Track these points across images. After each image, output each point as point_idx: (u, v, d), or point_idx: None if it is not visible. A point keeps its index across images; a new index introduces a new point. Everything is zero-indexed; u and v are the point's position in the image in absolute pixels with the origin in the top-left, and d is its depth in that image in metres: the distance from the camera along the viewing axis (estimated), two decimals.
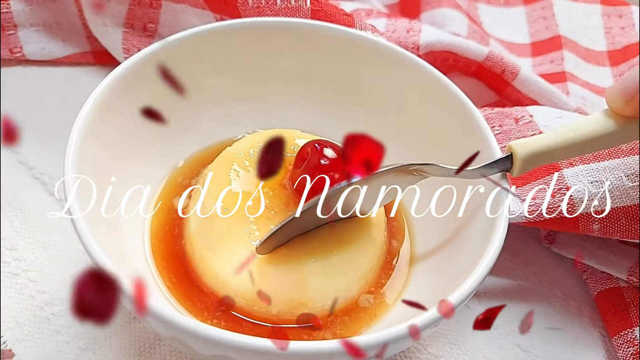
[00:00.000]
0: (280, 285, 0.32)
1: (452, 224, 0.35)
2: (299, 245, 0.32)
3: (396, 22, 0.48)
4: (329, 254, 0.32)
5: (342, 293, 0.33)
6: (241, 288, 0.32)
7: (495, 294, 0.39)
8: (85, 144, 0.31)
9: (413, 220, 0.38)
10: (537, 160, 0.31)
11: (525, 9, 0.61)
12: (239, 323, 0.32)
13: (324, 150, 0.33)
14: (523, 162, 0.31)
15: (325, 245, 0.32)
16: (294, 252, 0.32)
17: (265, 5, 0.42)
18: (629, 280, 0.37)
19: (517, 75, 0.46)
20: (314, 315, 0.32)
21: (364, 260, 0.34)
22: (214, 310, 0.33)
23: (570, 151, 0.31)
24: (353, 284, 0.34)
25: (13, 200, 0.40)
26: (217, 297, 0.33)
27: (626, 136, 0.31)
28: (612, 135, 0.31)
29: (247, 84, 0.41)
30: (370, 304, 0.34)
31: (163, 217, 0.37)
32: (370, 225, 0.34)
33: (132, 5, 0.47)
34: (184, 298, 0.33)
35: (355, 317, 0.34)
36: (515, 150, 0.31)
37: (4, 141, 0.16)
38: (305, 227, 0.32)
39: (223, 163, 0.35)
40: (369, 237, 0.34)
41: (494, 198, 0.31)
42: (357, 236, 0.33)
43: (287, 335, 0.32)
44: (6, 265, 0.37)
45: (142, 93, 0.36)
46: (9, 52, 0.48)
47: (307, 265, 0.32)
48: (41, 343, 0.34)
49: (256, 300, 0.31)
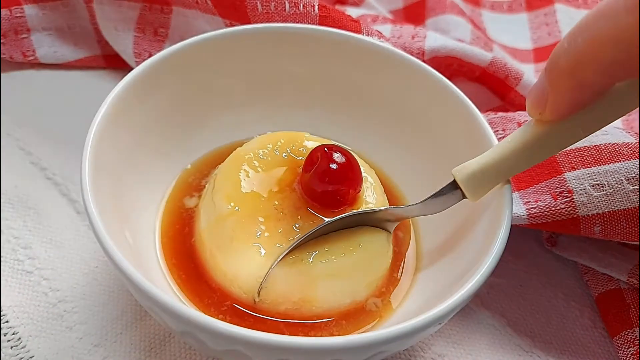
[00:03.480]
0: (289, 282, 0.32)
1: (456, 225, 0.36)
2: (310, 246, 0.33)
3: (401, 28, 0.49)
4: (338, 256, 0.33)
5: (349, 295, 0.34)
6: (249, 285, 0.33)
7: (498, 294, 0.39)
8: (100, 147, 0.32)
9: (418, 220, 0.39)
10: (483, 179, 0.31)
11: (528, 16, 0.62)
12: (244, 318, 0.33)
13: (333, 154, 0.33)
14: (467, 185, 0.31)
15: (336, 248, 0.33)
16: (304, 252, 0.33)
17: (274, 11, 0.43)
18: (629, 282, 0.38)
19: (520, 80, 0.46)
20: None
21: (374, 268, 0.35)
22: (220, 306, 0.33)
23: (512, 163, 0.31)
24: (361, 288, 0.34)
25: (27, 200, 0.41)
26: (225, 293, 0.34)
27: (561, 140, 0.30)
28: (546, 140, 0.30)
29: (256, 88, 0.42)
30: (377, 308, 0.35)
31: (173, 216, 0.37)
32: (381, 237, 0.35)
33: (143, 11, 0.48)
34: (192, 294, 0.34)
35: (355, 320, 0.34)
36: (454, 175, 0.32)
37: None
38: (319, 233, 0.33)
39: (233, 163, 0.36)
40: (380, 246, 0.35)
41: (497, 201, 0.32)
42: (368, 243, 0.34)
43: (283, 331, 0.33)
44: (20, 263, 0.38)
45: (155, 97, 0.37)
46: (22, 55, 0.49)
47: (316, 266, 0.32)
48: (54, 339, 0.35)
49: (263, 297, 0.32)
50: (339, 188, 0.34)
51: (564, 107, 0.28)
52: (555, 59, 0.27)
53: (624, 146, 0.37)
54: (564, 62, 0.26)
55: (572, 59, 0.26)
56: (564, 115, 0.28)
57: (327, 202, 0.34)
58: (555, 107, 0.28)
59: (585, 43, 0.25)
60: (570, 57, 0.26)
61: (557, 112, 0.28)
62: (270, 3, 0.42)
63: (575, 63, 0.26)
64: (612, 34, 0.24)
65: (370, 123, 0.42)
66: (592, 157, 0.37)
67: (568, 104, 0.28)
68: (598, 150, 0.37)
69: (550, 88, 0.28)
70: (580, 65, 0.26)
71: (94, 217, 0.28)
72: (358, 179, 0.35)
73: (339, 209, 0.34)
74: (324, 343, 0.25)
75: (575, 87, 0.27)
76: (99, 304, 0.36)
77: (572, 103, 0.28)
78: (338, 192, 0.34)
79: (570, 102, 0.28)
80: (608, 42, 0.24)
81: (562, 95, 0.27)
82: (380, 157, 0.42)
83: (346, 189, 0.34)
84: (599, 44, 0.25)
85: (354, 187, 0.34)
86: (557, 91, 0.27)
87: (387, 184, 0.41)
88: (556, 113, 0.28)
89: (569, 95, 0.27)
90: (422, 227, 0.39)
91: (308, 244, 0.33)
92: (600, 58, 0.25)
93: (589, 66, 0.26)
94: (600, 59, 0.25)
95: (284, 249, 0.32)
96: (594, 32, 0.25)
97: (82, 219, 0.40)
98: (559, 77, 0.27)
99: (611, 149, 0.37)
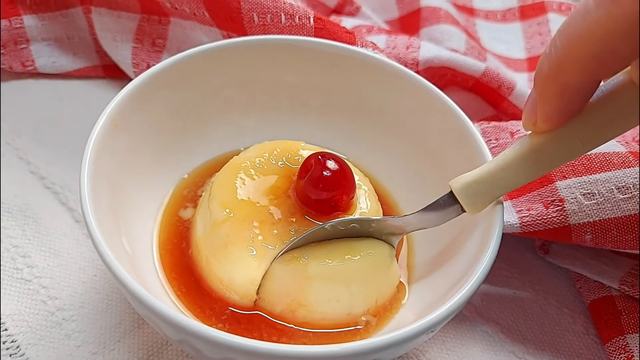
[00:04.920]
0: (285, 280, 0.32)
1: (449, 235, 0.36)
2: (310, 248, 0.33)
3: (396, 39, 0.49)
4: (335, 260, 0.33)
5: (345, 306, 0.34)
6: (245, 289, 0.33)
7: (491, 302, 0.40)
8: (99, 156, 0.32)
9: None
10: (479, 190, 0.31)
11: (521, 25, 0.63)
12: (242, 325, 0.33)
13: (326, 162, 0.34)
14: (463, 195, 0.31)
15: (335, 253, 0.33)
16: (302, 252, 0.33)
17: (270, 23, 0.43)
18: (621, 289, 0.38)
19: (513, 90, 0.47)
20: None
21: (373, 280, 0.34)
22: (221, 315, 0.34)
23: (509, 174, 0.30)
24: (358, 301, 0.34)
25: (26, 209, 0.41)
26: (223, 300, 0.34)
27: (558, 152, 0.30)
28: (542, 152, 0.30)
29: (253, 98, 0.42)
30: (371, 325, 0.34)
31: (171, 229, 0.38)
32: (383, 250, 0.34)
33: (141, 22, 0.49)
34: (194, 306, 0.34)
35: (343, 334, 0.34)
36: (451, 186, 0.32)
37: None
38: (320, 237, 0.34)
39: (230, 171, 0.36)
40: (381, 259, 0.34)
41: (489, 209, 0.32)
42: (369, 253, 0.34)
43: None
44: (19, 271, 0.38)
45: (153, 107, 0.37)
46: (21, 65, 0.50)
47: (313, 266, 0.32)
48: (53, 347, 0.35)
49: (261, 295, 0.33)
50: (332, 194, 0.34)
51: (554, 113, 0.28)
52: (539, 66, 0.28)
53: (615, 155, 0.38)
54: (547, 67, 0.27)
55: (554, 63, 0.26)
56: (555, 123, 0.29)
57: (320, 209, 0.34)
58: (545, 114, 0.28)
59: (563, 45, 0.26)
60: (552, 62, 0.27)
61: (548, 119, 0.28)
62: (266, 15, 0.43)
63: (557, 66, 0.26)
64: (585, 29, 0.25)
65: (365, 132, 0.42)
66: (583, 166, 0.37)
67: (557, 110, 0.28)
68: (589, 159, 0.38)
69: (538, 96, 0.28)
70: (561, 68, 0.26)
71: (92, 226, 0.29)
72: (351, 185, 0.35)
73: (333, 214, 0.35)
74: (318, 351, 0.25)
75: (560, 91, 0.27)
76: (97, 312, 0.37)
77: (560, 108, 0.28)
78: (331, 198, 0.34)
79: (559, 107, 0.28)
80: (584, 39, 0.25)
81: (549, 101, 0.28)
82: (375, 165, 0.42)
83: (339, 195, 0.34)
84: (575, 42, 0.25)
85: (347, 193, 0.35)
86: (545, 97, 0.28)
87: (381, 192, 0.41)
88: (548, 121, 0.29)
89: (555, 101, 0.28)
90: (415, 239, 0.39)
91: (308, 247, 0.33)
92: (578, 56, 0.25)
93: (570, 67, 0.26)
94: (578, 57, 0.25)
95: (282, 249, 0.33)
96: (570, 33, 0.26)
97: (80, 227, 0.41)
98: (544, 83, 0.28)
99: (602, 158, 0.38)
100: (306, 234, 0.33)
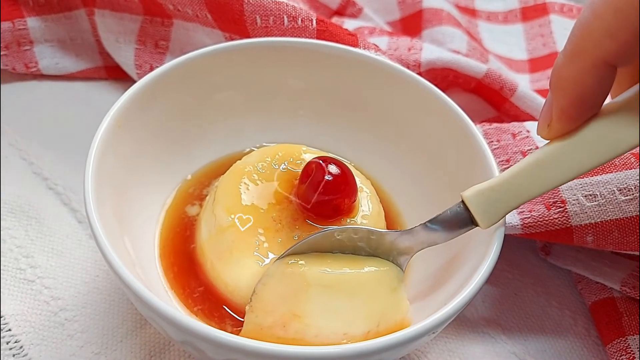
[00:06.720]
0: (280, 286, 0.31)
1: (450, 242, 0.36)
2: (313, 256, 0.32)
3: (398, 40, 0.50)
4: (336, 269, 0.31)
5: (343, 323, 0.31)
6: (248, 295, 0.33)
7: (493, 303, 0.40)
8: (102, 157, 0.32)
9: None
10: (491, 198, 0.30)
11: (523, 26, 0.63)
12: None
13: (328, 166, 0.34)
14: (475, 203, 0.30)
15: (338, 263, 0.32)
16: (304, 258, 0.32)
17: (272, 25, 0.43)
18: (622, 291, 0.38)
19: (515, 91, 0.47)
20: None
21: (376, 299, 0.32)
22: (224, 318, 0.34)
23: (522, 182, 0.30)
24: (359, 320, 0.31)
25: (29, 210, 0.41)
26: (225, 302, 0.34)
27: (572, 159, 0.29)
28: (557, 159, 0.29)
29: (255, 100, 0.42)
30: None
31: (175, 228, 0.38)
32: (390, 270, 0.33)
33: (144, 23, 0.49)
34: (195, 306, 0.34)
35: None
36: (462, 196, 0.31)
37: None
38: (324, 248, 0.32)
39: (233, 176, 0.36)
40: (387, 278, 0.32)
41: None
42: (374, 270, 0.32)
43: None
44: (22, 272, 0.38)
45: (157, 109, 0.38)
46: (24, 66, 0.50)
47: (312, 272, 0.31)
48: (55, 347, 0.35)
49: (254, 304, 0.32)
50: (333, 198, 0.34)
51: (569, 106, 0.28)
52: (555, 62, 0.29)
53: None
54: (562, 57, 0.28)
55: (568, 51, 0.28)
56: (571, 119, 0.28)
57: (322, 213, 0.34)
58: (560, 109, 0.28)
59: (576, 36, 0.27)
60: (566, 50, 0.28)
61: (564, 114, 0.28)
62: (269, 17, 0.43)
63: (571, 52, 0.28)
64: (595, 12, 0.26)
65: (367, 135, 0.42)
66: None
67: (572, 102, 0.28)
68: None
69: (554, 91, 0.29)
70: (575, 53, 0.27)
71: (96, 227, 0.29)
72: (353, 189, 0.35)
73: (335, 218, 0.35)
74: (320, 352, 0.26)
75: (575, 77, 0.28)
76: (100, 313, 0.37)
77: (576, 98, 0.28)
78: (333, 202, 0.34)
79: (575, 97, 0.28)
80: (595, 18, 0.26)
81: (565, 92, 0.28)
82: (377, 168, 0.42)
83: (341, 199, 0.35)
84: (588, 25, 0.27)
85: (349, 196, 0.35)
86: (560, 89, 0.28)
87: (383, 194, 0.41)
88: (563, 116, 0.28)
89: (571, 90, 0.28)
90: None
91: (311, 255, 0.32)
92: (591, 37, 0.27)
93: (584, 49, 0.27)
94: (591, 38, 0.27)
95: (284, 253, 0.32)
96: (582, 19, 0.27)
97: (83, 228, 0.41)
98: (560, 73, 0.28)
99: None
100: (309, 238, 0.32)
